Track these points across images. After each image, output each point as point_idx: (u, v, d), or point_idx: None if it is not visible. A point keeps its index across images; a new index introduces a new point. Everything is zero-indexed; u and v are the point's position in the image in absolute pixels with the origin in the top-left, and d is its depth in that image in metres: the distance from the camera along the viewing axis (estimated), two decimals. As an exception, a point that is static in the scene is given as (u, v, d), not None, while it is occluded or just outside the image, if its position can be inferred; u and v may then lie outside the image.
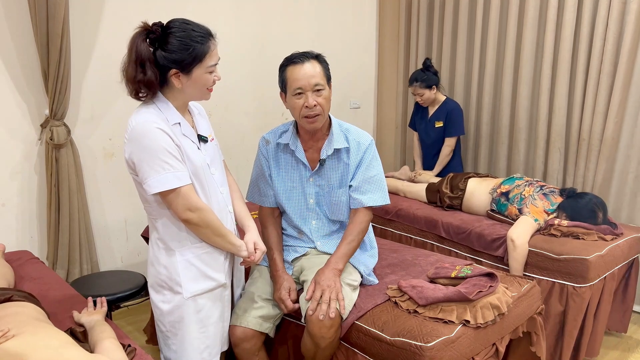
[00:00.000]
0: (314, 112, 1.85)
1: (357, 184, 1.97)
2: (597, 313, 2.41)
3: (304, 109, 1.85)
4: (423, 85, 3.35)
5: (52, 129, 2.58)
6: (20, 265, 2.23)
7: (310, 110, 1.84)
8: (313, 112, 1.85)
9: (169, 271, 1.66)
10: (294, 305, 1.85)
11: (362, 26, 4.08)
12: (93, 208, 2.87)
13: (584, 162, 3.14)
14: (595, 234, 2.50)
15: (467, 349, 1.69)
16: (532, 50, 3.29)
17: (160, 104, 1.61)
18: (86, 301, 1.84)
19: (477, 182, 2.98)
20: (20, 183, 2.65)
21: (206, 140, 1.73)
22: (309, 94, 1.83)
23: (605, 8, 2.91)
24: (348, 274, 1.91)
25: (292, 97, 1.87)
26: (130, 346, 1.55)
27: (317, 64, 1.86)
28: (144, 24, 1.57)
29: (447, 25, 3.73)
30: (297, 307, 1.86)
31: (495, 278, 1.83)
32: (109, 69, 2.71)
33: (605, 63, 2.93)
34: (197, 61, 1.57)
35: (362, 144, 1.97)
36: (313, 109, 1.84)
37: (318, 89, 1.84)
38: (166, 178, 1.55)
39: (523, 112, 3.39)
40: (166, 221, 1.65)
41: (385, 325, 1.75)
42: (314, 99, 1.84)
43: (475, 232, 2.72)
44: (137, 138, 1.54)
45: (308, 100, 1.83)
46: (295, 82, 1.84)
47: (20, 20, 2.50)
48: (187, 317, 1.68)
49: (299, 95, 1.85)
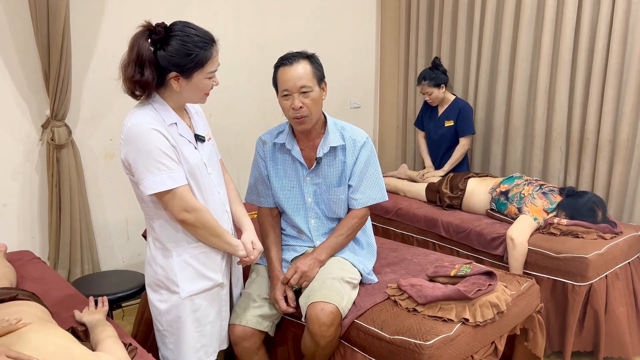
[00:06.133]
0: (300, 113, 1.87)
1: (354, 183, 1.99)
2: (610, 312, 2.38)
3: (291, 110, 1.87)
4: (432, 84, 3.32)
5: (53, 130, 2.59)
6: (22, 265, 2.24)
7: (296, 112, 1.86)
8: (299, 113, 1.87)
9: (165, 271, 1.67)
10: (288, 307, 1.87)
11: (363, 26, 4.08)
12: (94, 208, 2.88)
13: (590, 163, 3.11)
14: (594, 232, 2.51)
15: (466, 347, 1.70)
16: (529, 49, 3.28)
17: (156, 104, 1.61)
18: (87, 301, 1.84)
19: (477, 182, 2.99)
20: (22, 183, 2.66)
21: (203, 140, 1.73)
22: (295, 95, 1.86)
23: (608, 7, 2.89)
24: (347, 272, 1.92)
25: (280, 98, 1.91)
26: (131, 345, 1.56)
27: (307, 64, 1.87)
28: (147, 24, 1.56)
29: (446, 25, 3.73)
30: (290, 309, 1.87)
31: (494, 277, 1.84)
32: (109, 70, 2.70)
33: (611, 62, 2.91)
34: (198, 67, 1.57)
35: (357, 142, 1.99)
36: (299, 111, 1.86)
37: (304, 91, 1.85)
38: (162, 179, 1.55)
39: (519, 110, 3.37)
40: (163, 222, 1.66)
41: (385, 324, 1.76)
42: (300, 101, 1.85)
43: (475, 231, 2.72)
44: (133, 139, 1.55)
45: (294, 102, 1.86)
46: (282, 83, 1.87)
47: (21, 20, 2.51)
48: (184, 316, 1.69)
49: (286, 96, 1.88)
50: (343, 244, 2.00)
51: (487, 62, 3.52)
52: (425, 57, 3.94)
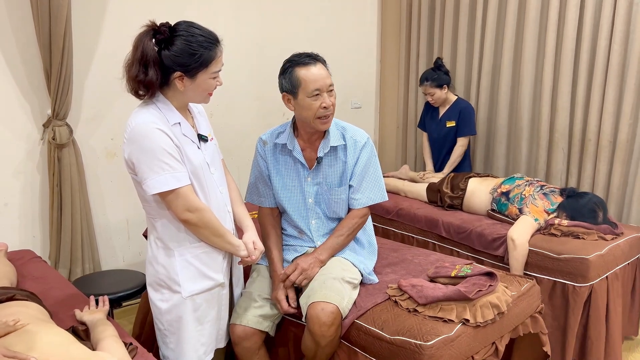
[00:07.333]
0: (329, 112, 1.89)
1: (355, 184, 1.99)
2: (608, 316, 2.38)
3: (321, 109, 1.87)
4: (434, 85, 3.31)
5: (54, 129, 2.60)
6: (23, 265, 2.25)
7: (327, 110, 1.88)
8: (329, 112, 1.89)
9: (167, 270, 1.67)
10: (289, 307, 1.87)
11: (364, 26, 4.08)
12: (95, 207, 2.89)
13: (592, 164, 3.11)
14: (595, 233, 2.50)
15: (466, 347, 1.70)
16: (534, 50, 3.29)
17: (160, 103, 1.62)
18: (88, 300, 1.85)
19: (478, 182, 2.99)
20: (23, 182, 2.66)
21: (206, 140, 1.74)
22: (325, 94, 1.87)
23: (610, 7, 2.89)
24: (348, 272, 1.92)
25: (307, 98, 1.87)
26: (131, 344, 1.56)
27: (322, 65, 1.89)
28: (151, 23, 1.57)
29: (447, 25, 3.73)
30: (292, 310, 1.87)
31: (494, 277, 1.84)
32: (111, 69, 2.72)
33: (613, 63, 2.92)
34: (203, 66, 1.57)
35: (358, 142, 1.99)
36: (329, 109, 1.88)
37: (331, 89, 1.89)
38: (165, 179, 1.55)
39: (525, 111, 3.38)
40: (165, 221, 1.66)
41: (385, 324, 1.76)
42: (329, 99, 1.87)
43: (475, 231, 2.72)
44: (137, 139, 1.55)
45: (325, 101, 1.86)
46: (312, 83, 1.85)
47: (23, 20, 2.51)
48: (185, 316, 1.69)
49: (316, 96, 1.86)
50: (343, 244, 2.00)
51: (489, 62, 3.52)
52: (426, 57, 3.94)
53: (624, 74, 2.92)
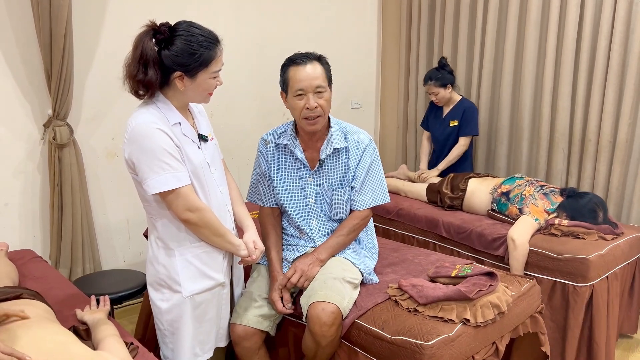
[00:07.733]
0: (314, 113, 1.86)
1: (357, 185, 1.99)
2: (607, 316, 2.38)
3: (305, 110, 1.86)
4: (438, 84, 3.31)
5: (54, 129, 2.60)
6: (24, 264, 2.25)
7: (311, 111, 1.86)
8: (314, 113, 1.86)
9: (168, 270, 1.67)
10: (283, 308, 1.87)
11: (364, 26, 4.08)
12: (95, 207, 2.89)
13: (592, 164, 3.11)
14: (595, 233, 2.51)
15: (467, 347, 1.70)
16: (535, 51, 3.29)
17: (160, 103, 1.62)
18: (89, 299, 1.85)
19: (478, 182, 2.99)
20: (23, 182, 2.66)
21: (207, 140, 1.74)
22: (310, 95, 1.85)
23: (610, 8, 2.90)
24: (349, 272, 1.92)
25: (293, 97, 1.88)
26: (132, 344, 1.56)
27: (318, 65, 1.87)
28: (151, 23, 1.57)
29: (447, 25, 3.73)
30: (287, 311, 1.87)
31: (495, 277, 1.84)
32: (111, 69, 2.72)
33: (613, 63, 2.92)
34: (203, 66, 1.57)
35: (361, 143, 1.99)
36: (314, 111, 1.86)
37: (319, 91, 1.85)
38: (166, 179, 1.55)
39: (526, 112, 3.38)
40: (165, 221, 1.66)
41: (386, 324, 1.76)
42: (315, 101, 1.85)
43: (475, 231, 2.72)
44: (137, 139, 1.55)
45: (309, 102, 1.84)
46: (297, 83, 1.85)
47: (24, 20, 2.51)
48: (185, 315, 1.69)
49: (300, 96, 1.86)
50: (344, 244, 2.00)
51: (489, 63, 3.52)
52: (427, 57, 3.95)
53: (623, 74, 2.93)
